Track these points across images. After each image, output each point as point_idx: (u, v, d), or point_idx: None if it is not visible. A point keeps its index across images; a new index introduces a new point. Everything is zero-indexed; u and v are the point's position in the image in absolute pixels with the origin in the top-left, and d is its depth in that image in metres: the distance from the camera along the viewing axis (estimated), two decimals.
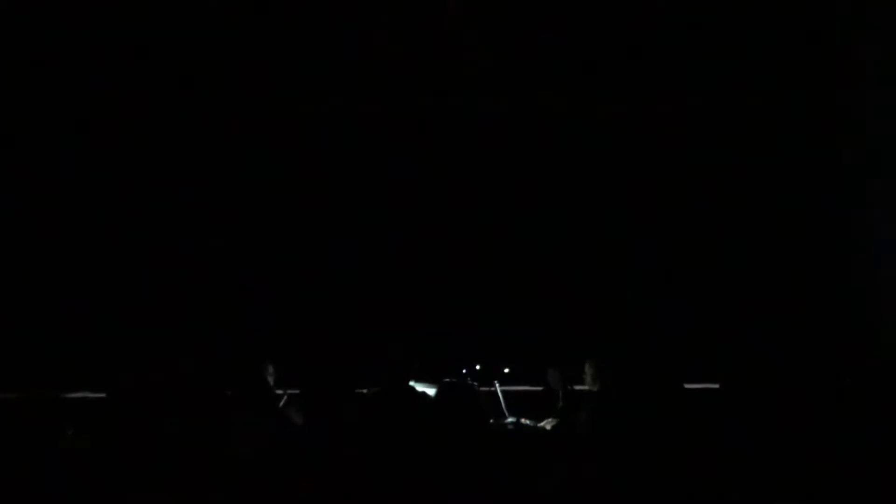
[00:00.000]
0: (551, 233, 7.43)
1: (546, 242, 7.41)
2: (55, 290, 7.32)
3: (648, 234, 7.41)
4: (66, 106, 7.42)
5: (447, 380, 4.94)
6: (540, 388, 6.22)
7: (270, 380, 5.68)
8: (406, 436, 4.48)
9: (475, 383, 5.15)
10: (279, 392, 5.63)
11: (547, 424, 5.53)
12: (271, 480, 4.34)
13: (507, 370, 6.06)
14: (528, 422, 5.53)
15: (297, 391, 5.49)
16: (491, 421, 5.42)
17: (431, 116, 7.49)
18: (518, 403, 5.76)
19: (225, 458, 4.47)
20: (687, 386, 5.06)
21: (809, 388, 4.59)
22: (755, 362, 6.12)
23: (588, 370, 5.47)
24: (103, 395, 5.46)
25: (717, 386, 4.85)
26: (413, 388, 5.03)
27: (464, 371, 6.02)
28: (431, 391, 4.96)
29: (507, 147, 7.49)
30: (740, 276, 7.29)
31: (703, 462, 4.25)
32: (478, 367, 6.04)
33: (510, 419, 5.58)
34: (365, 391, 5.03)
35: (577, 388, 5.71)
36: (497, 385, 5.77)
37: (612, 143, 7.47)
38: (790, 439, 4.23)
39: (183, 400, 4.98)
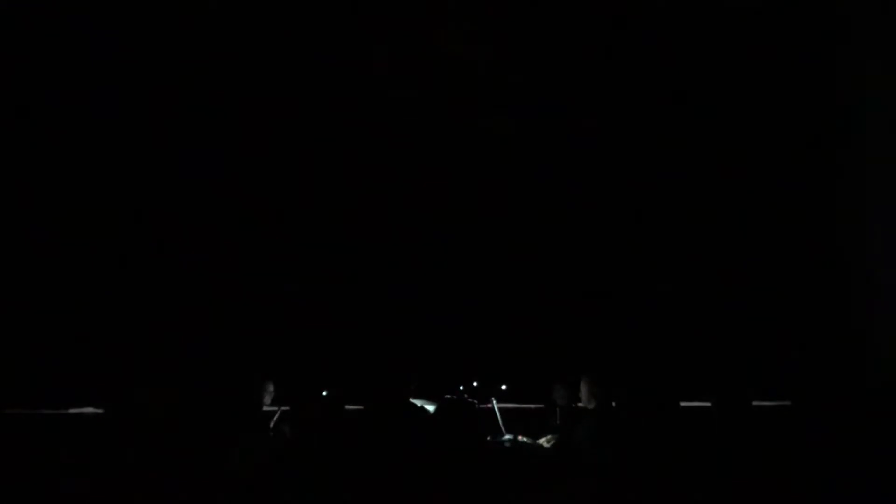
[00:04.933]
0: (549, 250, 7.45)
1: (544, 259, 7.44)
2: (50, 306, 7.31)
3: (644, 250, 7.44)
4: (65, 110, 7.42)
5: (447, 396, 4.96)
6: (535, 406, 6.23)
7: (268, 398, 5.69)
8: (404, 452, 4.49)
9: (474, 400, 5.15)
10: (273, 409, 5.64)
11: (544, 441, 5.55)
12: (266, 497, 4.35)
13: (504, 387, 6.08)
14: (525, 439, 5.55)
15: (289, 408, 5.53)
16: (488, 438, 5.44)
17: (430, 127, 7.51)
18: (515, 420, 5.77)
19: (220, 475, 4.49)
20: (683, 404, 5.10)
21: (807, 403, 4.63)
22: (750, 379, 6.17)
23: (584, 388, 5.48)
24: (101, 410, 5.50)
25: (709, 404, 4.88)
26: (412, 404, 5.04)
27: (461, 388, 6.04)
28: (430, 407, 4.98)
29: (507, 161, 7.52)
30: (736, 293, 7.31)
31: (700, 478, 4.27)
32: (475, 385, 6.06)
33: (507, 436, 5.59)
34: (364, 407, 5.05)
35: (575, 405, 5.73)
36: (494, 402, 5.79)
37: (611, 156, 7.50)
38: (787, 455, 4.26)
39: (181, 417, 5.00)
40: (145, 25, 7.31)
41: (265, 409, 5.68)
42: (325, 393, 5.51)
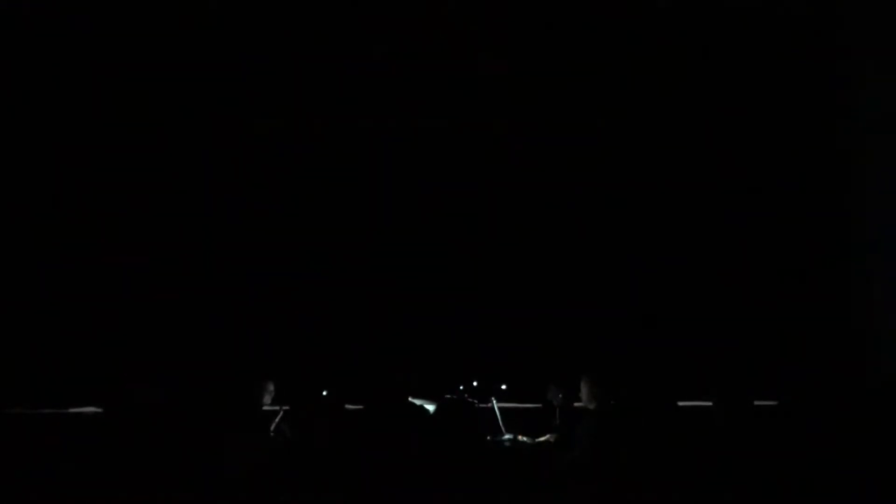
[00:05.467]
0: (549, 249, 7.45)
1: (543, 259, 7.44)
2: (50, 306, 7.32)
3: (644, 250, 7.43)
4: (65, 110, 7.43)
5: (447, 396, 4.97)
6: (536, 406, 6.23)
7: (269, 398, 5.68)
8: (404, 451, 4.50)
9: (474, 400, 5.16)
10: (275, 408, 5.63)
11: (544, 441, 5.54)
12: (266, 497, 4.35)
13: (504, 387, 6.08)
14: (524, 438, 5.54)
15: (290, 407, 5.52)
16: (488, 437, 5.44)
17: (430, 127, 7.51)
18: (515, 420, 5.77)
19: (220, 475, 4.50)
20: (682, 403, 5.10)
21: (806, 404, 4.62)
22: (750, 379, 6.17)
23: (584, 388, 5.47)
24: (99, 410, 5.51)
25: (709, 404, 4.88)
26: (412, 404, 5.05)
27: (461, 388, 6.04)
28: (430, 407, 4.98)
29: (507, 161, 7.52)
30: (736, 293, 7.31)
31: (700, 478, 4.27)
32: (475, 384, 6.06)
33: (507, 436, 5.59)
34: (364, 407, 5.06)
35: (574, 405, 5.72)
36: (494, 402, 5.78)
37: (611, 157, 7.50)
38: (788, 455, 4.26)
39: (181, 417, 5.01)
40: (144, 23, 7.33)
41: (266, 408, 5.68)
42: (325, 393, 5.52)
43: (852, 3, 7.30)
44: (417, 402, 5.10)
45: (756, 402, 4.72)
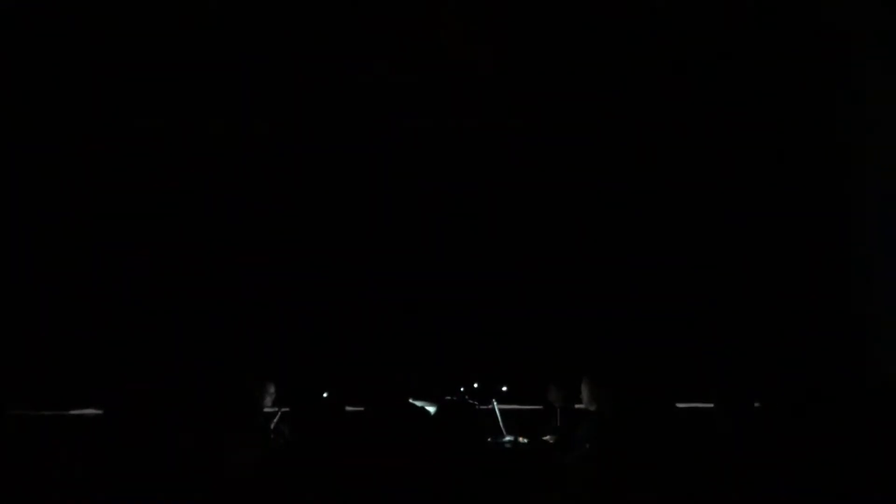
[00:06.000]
0: (549, 249, 7.45)
1: (543, 259, 7.44)
2: (51, 306, 7.32)
3: (644, 250, 7.43)
4: (66, 110, 7.42)
5: (448, 398, 4.97)
6: (536, 407, 6.23)
7: (269, 399, 5.69)
8: (405, 452, 4.50)
9: (474, 402, 5.16)
10: (274, 409, 5.64)
11: (545, 441, 5.55)
12: (266, 497, 4.35)
13: (504, 388, 6.09)
14: (525, 440, 5.55)
15: (289, 409, 5.52)
16: (489, 439, 5.44)
17: (430, 127, 7.50)
18: (516, 422, 5.78)
19: (219, 475, 4.50)
20: (682, 405, 5.11)
21: (805, 404, 4.62)
22: (750, 380, 6.17)
23: (585, 389, 5.48)
24: (100, 411, 5.51)
25: (710, 405, 4.88)
26: (412, 406, 5.05)
27: (461, 389, 6.04)
28: (431, 408, 4.98)
29: (507, 161, 7.52)
30: (735, 291, 7.31)
31: (701, 480, 4.27)
32: (476, 386, 6.07)
33: (508, 437, 5.60)
34: (364, 409, 5.05)
35: (575, 406, 5.73)
36: (495, 403, 5.79)
37: (611, 157, 7.50)
38: (788, 455, 4.27)
39: (180, 417, 5.01)
40: (144, 23, 7.32)
41: (266, 410, 5.69)
42: (325, 394, 5.52)
43: (852, 2, 7.29)
44: (418, 403, 5.10)
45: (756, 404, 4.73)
